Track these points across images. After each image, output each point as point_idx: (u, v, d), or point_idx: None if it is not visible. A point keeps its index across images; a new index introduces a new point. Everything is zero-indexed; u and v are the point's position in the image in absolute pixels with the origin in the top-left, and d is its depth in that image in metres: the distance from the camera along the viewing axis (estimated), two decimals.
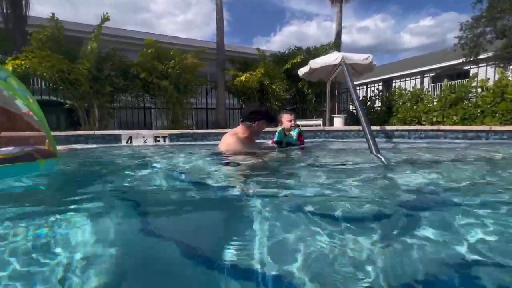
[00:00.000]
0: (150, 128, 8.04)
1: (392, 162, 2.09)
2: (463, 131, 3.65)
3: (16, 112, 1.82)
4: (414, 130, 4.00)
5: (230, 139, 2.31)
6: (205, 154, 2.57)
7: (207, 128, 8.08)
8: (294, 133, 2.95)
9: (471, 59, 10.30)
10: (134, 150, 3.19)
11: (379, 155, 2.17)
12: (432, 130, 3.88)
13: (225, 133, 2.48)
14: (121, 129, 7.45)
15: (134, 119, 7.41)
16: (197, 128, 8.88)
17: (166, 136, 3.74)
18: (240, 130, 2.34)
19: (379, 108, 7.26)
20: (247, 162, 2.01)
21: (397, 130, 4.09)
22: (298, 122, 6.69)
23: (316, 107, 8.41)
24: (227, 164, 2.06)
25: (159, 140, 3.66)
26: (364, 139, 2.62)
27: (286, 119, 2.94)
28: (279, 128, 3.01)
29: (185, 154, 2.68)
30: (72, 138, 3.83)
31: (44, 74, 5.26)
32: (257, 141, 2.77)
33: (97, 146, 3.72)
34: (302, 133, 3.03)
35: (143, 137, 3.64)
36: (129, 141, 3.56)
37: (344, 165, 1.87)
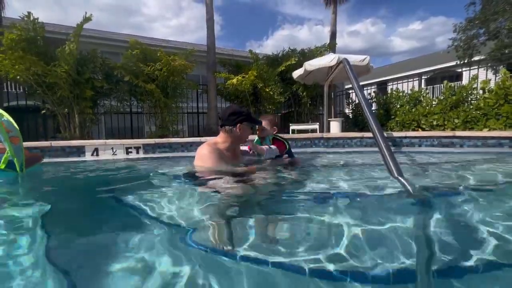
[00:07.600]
0: (142, 135, 7.61)
1: (422, 191, 1.51)
2: (483, 137, 3.31)
3: None
4: (426, 137, 3.61)
5: (203, 150, 1.79)
6: (172, 174, 2.07)
7: (199, 135, 7.71)
8: (267, 143, 2.35)
9: (465, 61, 10.28)
10: (88, 168, 2.54)
11: (400, 178, 1.59)
12: (447, 137, 3.50)
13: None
14: (108, 138, 7.01)
15: (121, 125, 6.98)
16: (189, 134, 8.50)
17: (140, 147, 3.20)
18: (220, 139, 1.91)
19: (376, 111, 7.03)
20: (228, 189, 1.46)
21: (406, 137, 3.65)
22: (294, 127, 6.45)
23: (311, 110, 8.17)
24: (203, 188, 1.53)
25: (131, 152, 3.13)
26: (370, 149, 2.24)
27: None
28: (255, 137, 2.45)
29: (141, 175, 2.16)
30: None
31: (18, 77, 4.85)
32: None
33: (56, 160, 3.04)
34: (281, 139, 2.42)
35: (112, 148, 3.08)
36: (95, 154, 3.03)
37: (353, 198, 1.34)
